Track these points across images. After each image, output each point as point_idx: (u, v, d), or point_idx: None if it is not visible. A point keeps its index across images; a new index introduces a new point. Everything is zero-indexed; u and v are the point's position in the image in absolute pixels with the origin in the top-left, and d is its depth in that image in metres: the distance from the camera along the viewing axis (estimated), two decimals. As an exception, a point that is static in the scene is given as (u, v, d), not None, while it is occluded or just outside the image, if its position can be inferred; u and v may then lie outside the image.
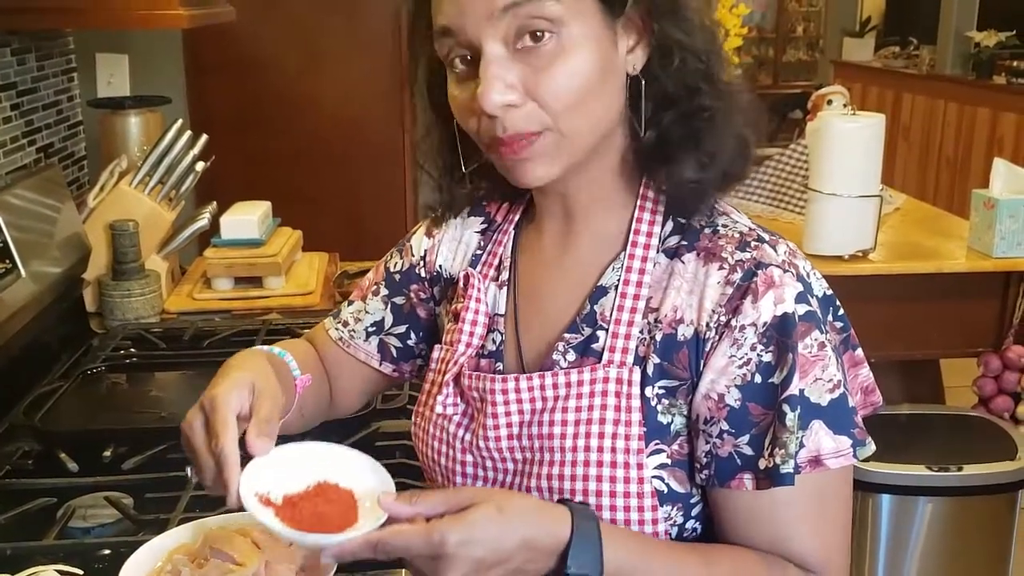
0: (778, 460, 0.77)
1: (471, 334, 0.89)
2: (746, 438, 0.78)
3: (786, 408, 0.77)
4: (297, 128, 2.71)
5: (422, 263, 0.99)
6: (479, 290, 0.90)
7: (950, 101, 5.79)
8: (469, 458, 0.87)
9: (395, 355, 1.01)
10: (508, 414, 0.84)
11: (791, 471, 0.76)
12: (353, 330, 1.01)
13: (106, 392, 1.47)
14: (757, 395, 0.78)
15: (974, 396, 2.39)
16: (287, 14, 2.65)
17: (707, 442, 0.80)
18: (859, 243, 2.23)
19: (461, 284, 0.92)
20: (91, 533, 1.10)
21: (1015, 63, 5.47)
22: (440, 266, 0.97)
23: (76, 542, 1.07)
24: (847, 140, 2.19)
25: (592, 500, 0.80)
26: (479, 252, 0.94)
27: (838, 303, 0.84)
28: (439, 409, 0.89)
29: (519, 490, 0.84)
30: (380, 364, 1.01)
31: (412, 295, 1.00)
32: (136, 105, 2.13)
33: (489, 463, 0.86)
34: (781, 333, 0.77)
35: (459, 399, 0.89)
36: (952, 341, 2.37)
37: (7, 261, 1.44)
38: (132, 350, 1.63)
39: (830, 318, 0.83)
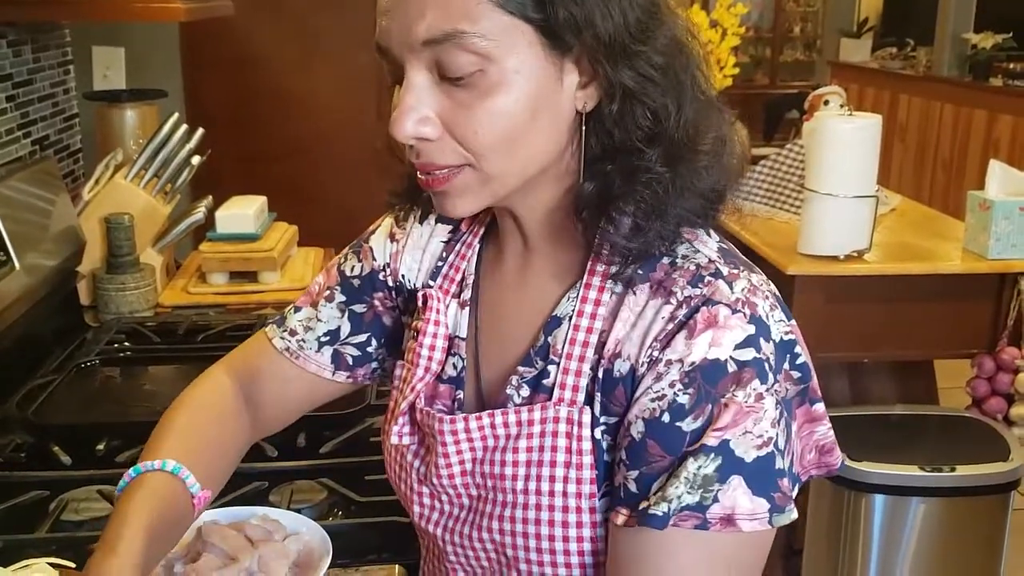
0: (653, 502, 0.69)
1: (429, 358, 0.84)
2: (635, 474, 0.71)
3: (690, 460, 0.69)
4: (293, 123, 2.70)
5: (386, 270, 0.92)
6: (438, 311, 0.84)
7: (946, 103, 5.80)
8: (425, 490, 0.83)
9: (351, 363, 0.94)
10: (460, 452, 0.80)
11: (663, 514, 0.68)
12: (303, 340, 0.93)
13: (100, 385, 1.47)
14: (661, 435, 0.71)
15: (967, 397, 2.39)
16: (284, 9, 2.65)
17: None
18: (855, 243, 2.23)
19: (420, 303, 0.86)
20: (84, 526, 1.10)
21: (1012, 65, 5.48)
22: (403, 276, 0.91)
23: (69, 535, 1.07)
24: (844, 140, 2.19)
25: (545, 544, 0.76)
26: (440, 264, 0.88)
27: (799, 350, 0.74)
28: (394, 440, 0.85)
29: (473, 529, 0.80)
30: (333, 374, 0.94)
31: (376, 303, 0.93)
32: (132, 98, 2.13)
33: (444, 497, 0.82)
34: (706, 379, 0.70)
35: (415, 428, 0.85)
36: (946, 342, 2.38)
37: (1, 253, 1.44)
38: (126, 344, 1.63)
39: (786, 366, 0.73)
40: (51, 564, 0.92)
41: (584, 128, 0.74)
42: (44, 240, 1.60)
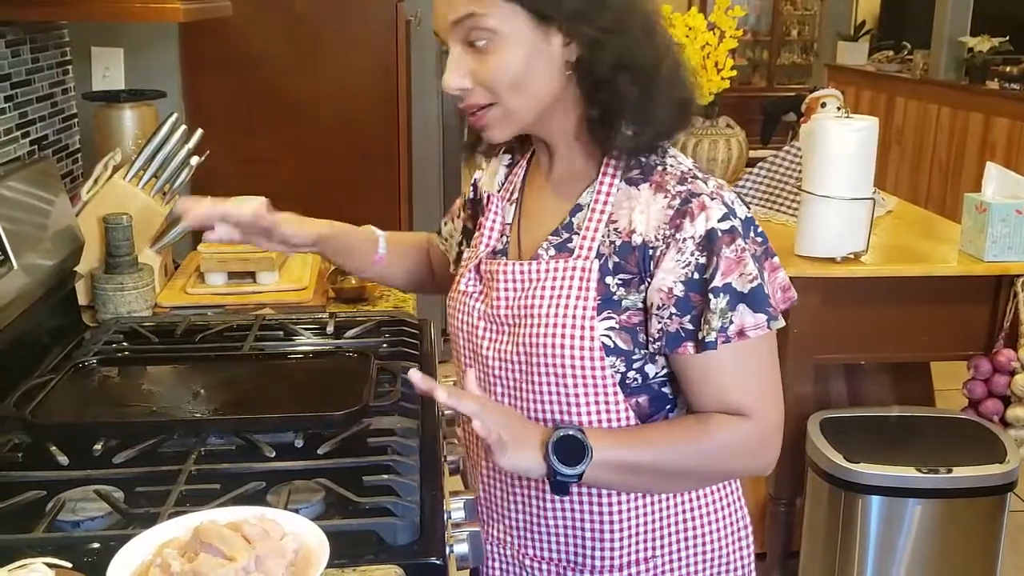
0: (705, 333, 1.05)
1: (490, 237, 1.21)
2: (688, 317, 1.06)
3: (711, 296, 1.04)
4: (292, 124, 2.70)
5: (472, 191, 1.32)
6: (497, 206, 1.22)
7: (943, 105, 5.82)
8: (482, 324, 1.18)
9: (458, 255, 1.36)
10: (506, 290, 1.15)
11: (713, 340, 1.04)
12: (450, 246, 1.40)
13: (97, 385, 1.46)
14: (695, 287, 1.05)
15: (964, 399, 2.40)
16: (284, 10, 2.65)
17: (659, 322, 1.07)
18: (851, 246, 2.24)
19: (485, 201, 1.24)
20: (81, 526, 1.09)
21: (1008, 68, 5.49)
22: (484, 191, 1.27)
23: (65, 535, 1.07)
24: (840, 143, 2.20)
25: (558, 352, 1.09)
26: (502, 180, 1.26)
27: (757, 224, 1.10)
28: (462, 287, 1.21)
29: (512, 346, 1.13)
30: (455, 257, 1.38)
31: (470, 218, 1.33)
32: (131, 99, 2.13)
33: (494, 326, 1.17)
34: (710, 242, 1.05)
35: (478, 281, 1.21)
36: (943, 344, 2.38)
37: (-1, 253, 1.44)
38: (124, 344, 1.63)
39: (752, 235, 1.08)
40: (47, 564, 0.92)
41: (576, 72, 1.07)
42: (42, 240, 1.60)
